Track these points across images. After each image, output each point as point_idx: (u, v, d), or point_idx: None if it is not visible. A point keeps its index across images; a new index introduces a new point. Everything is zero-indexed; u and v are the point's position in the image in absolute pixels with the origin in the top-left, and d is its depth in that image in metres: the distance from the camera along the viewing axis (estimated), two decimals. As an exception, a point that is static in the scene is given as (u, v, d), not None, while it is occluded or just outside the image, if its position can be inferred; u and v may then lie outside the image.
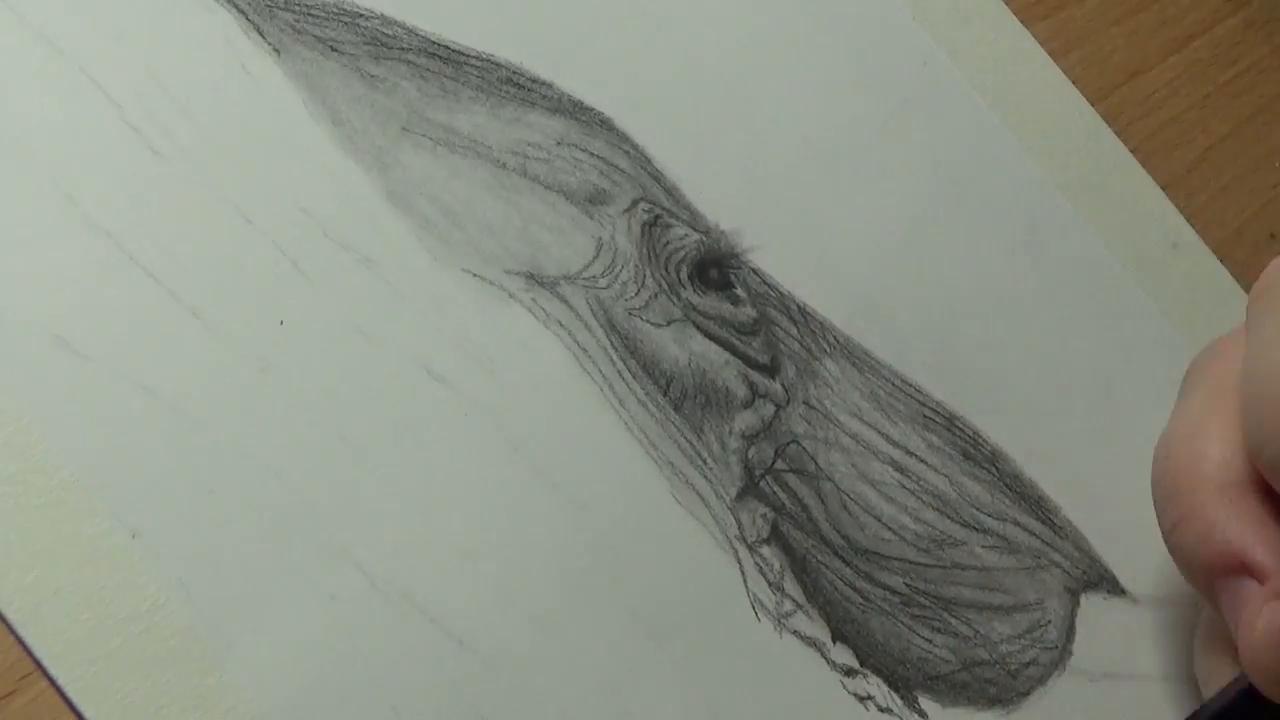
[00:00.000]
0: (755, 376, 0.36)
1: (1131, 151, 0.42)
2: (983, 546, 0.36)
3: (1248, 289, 0.40)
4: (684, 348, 0.35)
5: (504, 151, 0.35)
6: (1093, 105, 0.42)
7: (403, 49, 0.35)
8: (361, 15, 0.35)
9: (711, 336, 0.36)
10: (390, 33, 0.35)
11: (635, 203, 0.36)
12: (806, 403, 0.36)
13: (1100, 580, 0.37)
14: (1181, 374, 0.34)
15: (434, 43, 0.36)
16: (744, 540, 0.34)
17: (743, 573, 0.34)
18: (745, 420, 0.35)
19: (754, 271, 0.36)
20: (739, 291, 0.36)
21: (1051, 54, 0.42)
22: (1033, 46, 0.42)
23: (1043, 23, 0.42)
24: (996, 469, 0.37)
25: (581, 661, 0.32)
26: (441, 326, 0.33)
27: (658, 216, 0.36)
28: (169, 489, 0.30)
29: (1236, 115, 0.44)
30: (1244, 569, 0.30)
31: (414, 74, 0.35)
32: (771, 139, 0.38)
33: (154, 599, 0.29)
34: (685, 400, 0.35)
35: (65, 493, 0.29)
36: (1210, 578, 0.31)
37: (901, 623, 0.35)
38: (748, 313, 0.36)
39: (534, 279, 0.34)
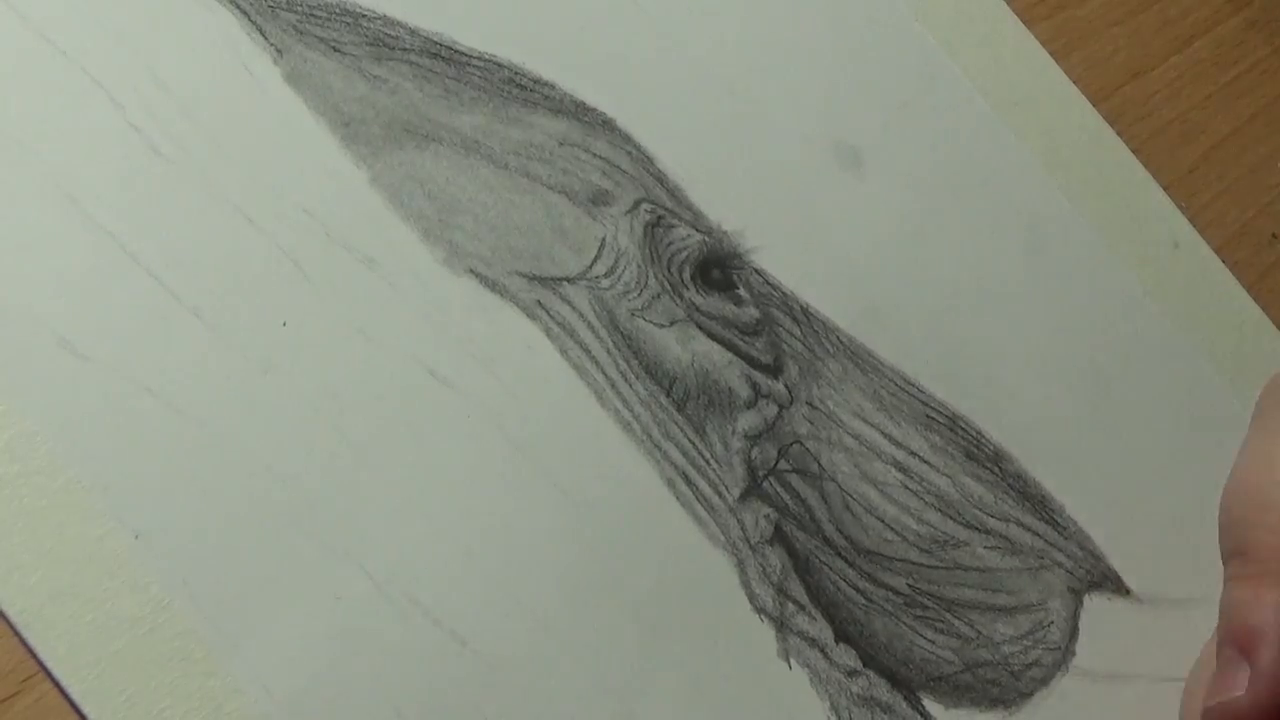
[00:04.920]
0: (758, 377, 0.36)
1: (1133, 152, 0.42)
2: (985, 547, 0.36)
3: (1249, 289, 0.40)
4: (687, 348, 0.35)
5: (506, 152, 0.35)
6: (1094, 105, 0.42)
7: (405, 50, 0.35)
8: (364, 16, 0.35)
9: (714, 337, 0.36)
10: (392, 33, 0.35)
11: (638, 203, 0.36)
12: (810, 403, 0.36)
13: (1103, 580, 0.37)
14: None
15: (436, 43, 0.35)
16: (746, 541, 0.34)
17: (745, 574, 0.34)
18: (748, 421, 0.35)
19: (757, 272, 0.36)
20: (742, 292, 0.36)
21: (1053, 54, 0.42)
22: (1034, 47, 0.42)
23: (1044, 23, 0.42)
24: (999, 469, 0.37)
25: (584, 662, 0.32)
26: (444, 327, 0.33)
27: (660, 217, 0.36)
28: (172, 490, 0.30)
29: (1238, 115, 0.44)
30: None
31: (416, 75, 0.35)
32: (774, 140, 0.38)
33: (157, 600, 0.29)
34: (688, 401, 0.35)
35: (68, 494, 0.29)
36: (1242, 639, 0.30)
37: (904, 624, 0.35)
38: (751, 313, 0.36)
39: (537, 280, 0.34)
